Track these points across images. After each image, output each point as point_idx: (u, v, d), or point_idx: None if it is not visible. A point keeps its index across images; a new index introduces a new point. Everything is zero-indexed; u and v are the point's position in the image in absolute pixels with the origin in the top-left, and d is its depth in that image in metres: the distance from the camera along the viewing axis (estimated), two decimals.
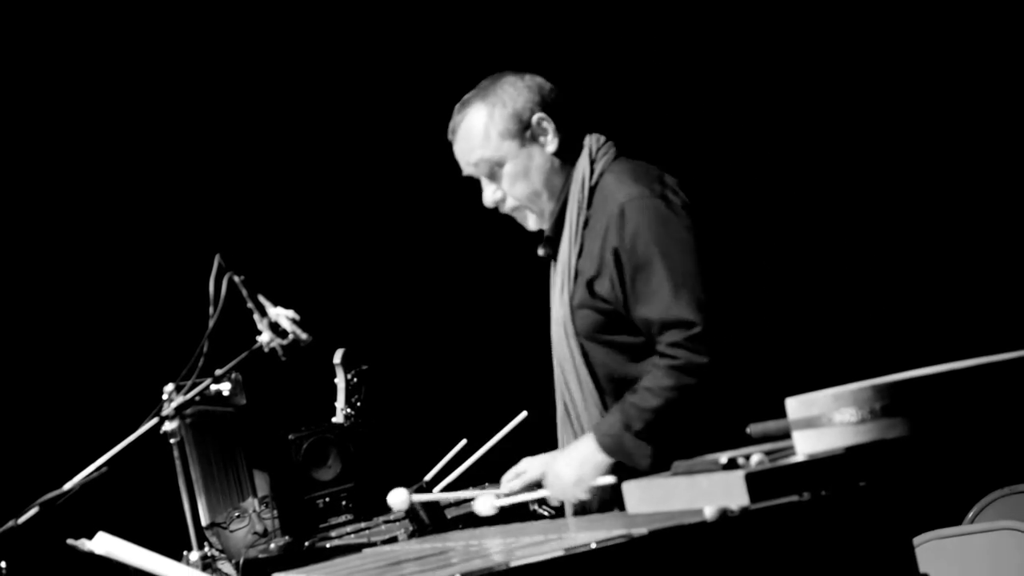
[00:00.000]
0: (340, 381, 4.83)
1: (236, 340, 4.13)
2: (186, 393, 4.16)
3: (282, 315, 4.09)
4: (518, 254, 6.37)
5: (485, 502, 3.69)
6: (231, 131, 6.41)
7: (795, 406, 2.42)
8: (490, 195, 3.73)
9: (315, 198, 6.48)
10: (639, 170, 3.60)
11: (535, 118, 3.66)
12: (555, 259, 3.71)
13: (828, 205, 6.07)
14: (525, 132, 3.66)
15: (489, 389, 6.14)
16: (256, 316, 4.07)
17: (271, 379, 4.54)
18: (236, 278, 4.07)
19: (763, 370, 3.51)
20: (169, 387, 4.34)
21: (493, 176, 3.70)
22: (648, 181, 3.56)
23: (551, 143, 3.66)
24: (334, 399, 4.83)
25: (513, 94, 3.67)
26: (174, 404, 4.17)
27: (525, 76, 3.71)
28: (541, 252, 3.79)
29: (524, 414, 4.63)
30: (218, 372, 4.15)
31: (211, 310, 4.04)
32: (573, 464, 3.56)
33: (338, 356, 4.84)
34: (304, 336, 4.06)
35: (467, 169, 3.74)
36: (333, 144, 6.49)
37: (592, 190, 3.63)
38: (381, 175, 6.52)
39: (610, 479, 3.59)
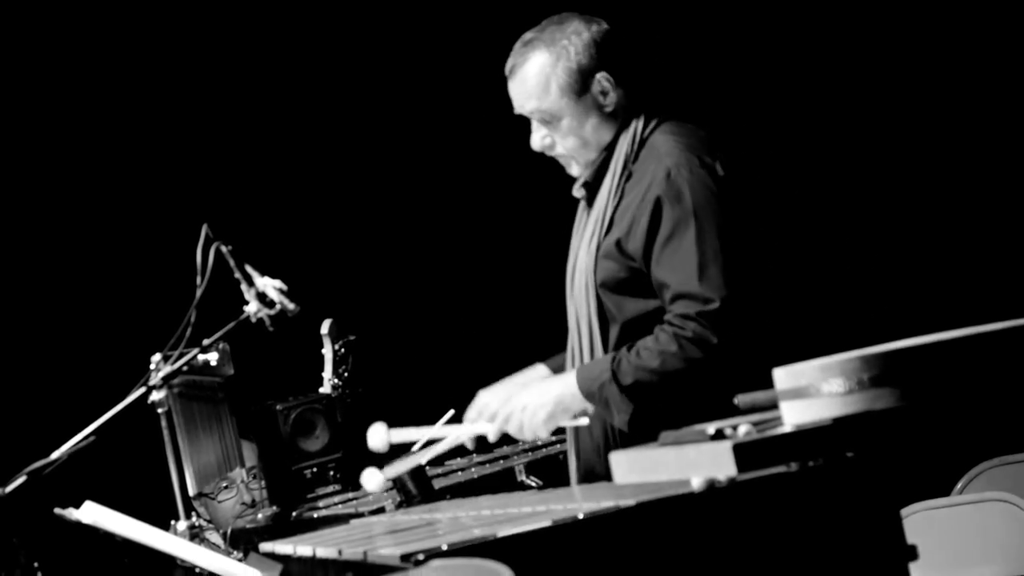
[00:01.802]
0: (327, 351, 4.83)
1: (224, 310, 4.13)
2: (174, 363, 4.16)
3: (269, 285, 4.09)
4: (506, 224, 6.39)
5: (371, 478, 3.60)
6: (219, 101, 6.40)
7: (783, 376, 2.42)
8: (539, 140, 3.66)
9: (302, 168, 6.46)
10: (692, 136, 3.55)
11: (597, 76, 3.58)
12: (590, 205, 3.67)
13: (817, 175, 6.06)
14: (586, 90, 3.59)
15: (477, 360, 6.13)
16: (243, 286, 4.07)
17: (258, 349, 4.54)
18: (223, 248, 4.07)
19: (765, 351, 3.47)
20: (157, 357, 4.33)
21: (545, 124, 3.64)
22: (699, 149, 3.50)
23: (610, 103, 3.61)
24: (321, 369, 4.82)
25: (579, 47, 3.58)
26: (162, 374, 4.18)
27: (592, 25, 3.62)
28: (576, 194, 3.74)
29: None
30: (206, 342, 4.16)
31: (199, 280, 4.04)
32: (547, 400, 3.51)
33: (325, 326, 4.84)
34: (291, 306, 4.06)
35: (519, 110, 3.68)
36: (319, 114, 6.48)
37: (641, 144, 3.59)
38: (367, 146, 6.51)
39: (584, 420, 3.57)
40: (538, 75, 3.60)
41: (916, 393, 2.33)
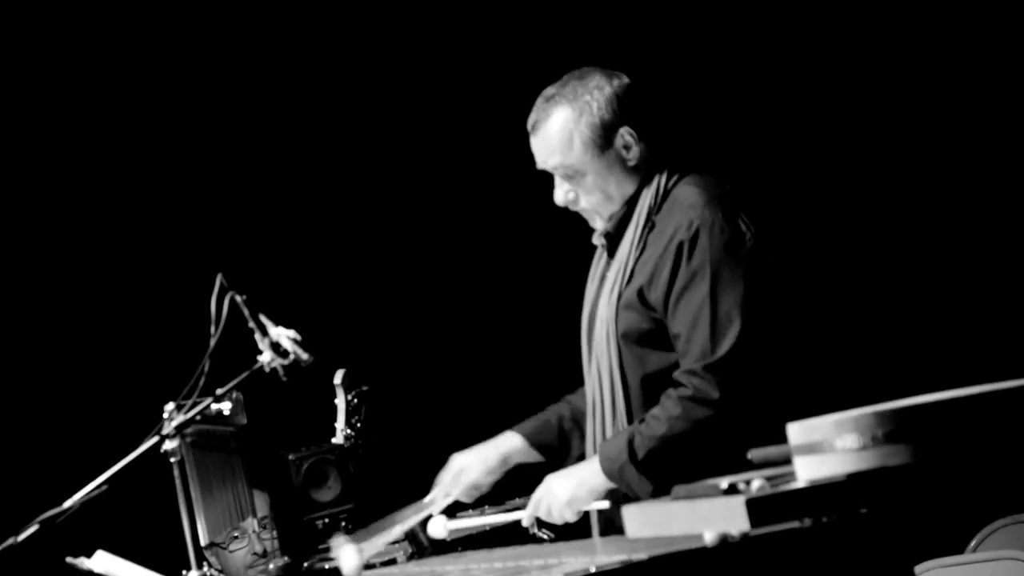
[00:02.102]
0: (340, 402, 4.82)
1: (237, 359, 4.12)
2: (187, 412, 4.15)
3: (283, 335, 4.08)
4: (518, 278, 6.39)
5: (438, 525, 3.65)
6: (234, 150, 6.41)
7: (797, 431, 2.41)
8: (562, 195, 3.67)
9: (317, 219, 6.47)
10: (715, 188, 3.56)
11: (620, 131, 3.60)
12: (611, 255, 3.67)
13: (835, 228, 6.06)
14: (609, 145, 3.61)
15: (489, 412, 6.11)
16: (257, 336, 4.06)
17: (272, 399, 4.53)
18: (238, 298, 4.07)
19: (776, 406, 3.46)
20: (170, 406, 4.33)
21: (568, 179, 3.65)
22: (722, 202, 3.51)
23: (632, 157, 3.62)
24: (334, 420, 4.82)
25: (602, 102, 3.60)
26: (174, 423, 4.17)
27: (613, 80, 3.64)
28: (596, 242, 3.74)
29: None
30: (219, 391, 4.15)
31: (212, 329, 4.04)
32: (570, 483, 3.54)
33: (339, 376, 4.83)
34: (305, 356, 4.06)
35: (542, 166, 3.68)
36: (334, 166, 6.49)
37: (665, 196, 3.59)
38: (381, 198, 6.52)
39: (604, 504, 3.57)
40: (561, 131, 3.60)
41: (931, 450, 2.32)
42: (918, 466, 2.32)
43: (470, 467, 3.81)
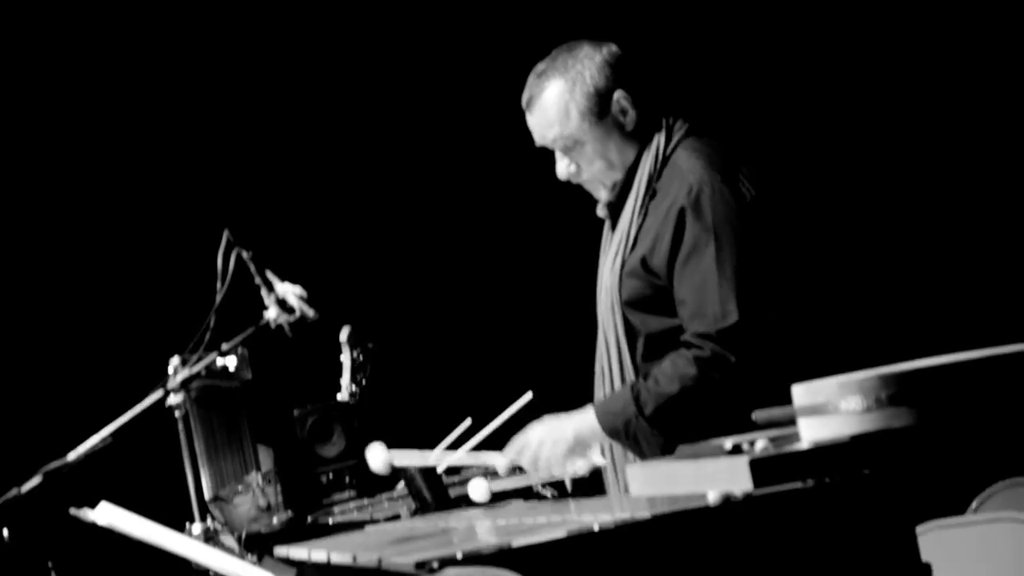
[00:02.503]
0: (346, 358, 4.83)
1: (243, 315, 4.14)
2: (192, 367, 4.17)
3: (289, 291, 4.09)
4: (526, 233, 6.39)
5: (479, 487, 3.61)
6: (242, 105, 6.41)
7: (801, 393, 2.42)
8: (563, 169, 3.67)
9: (324, 174, 6.47)
10: (715, 152, 3.55)
11: (615, 96, 3.60)
12: (613, 226, 3.67)
13: (841, 191, 6.05)
14: (606, 112, 3.60)
15: (495, 369, 6.14)
16: (263, 292, 4.08)
17: (277, 355, 4.54)
18: (244, 253, 4.08)
19: (784, 367, 3.47)
20: (175, 360, 4.34)
21: (568, 151, 3.65)
22: (722, 166, 3.50)
23: (630, 122, 3.62)
24: (339, 376, 4.83)
25: (593, 70, 3.60)
26: (180, 377, 4.19)
27: (603, 48, 3.63)
28: (600, 214, 3.74)
29: (529, 395, 4.62)
30: (224, 346, 4.16)
31: (219, 285, 4.05)
32: (566, 437, 3.51)
33: (344, 333, 4.84)
34: (311, 313, 4.07)
35: (541, 142, 3.68)
36: (342, 120, 6.49)
37: (664, 162, 3.59)
38: (390, 152, 6.51)
39: (601, 461, 3.56)
40: (557, 103, 3.60)
41: (934, 412, 2.33)
42: (921, 428, 2.33)
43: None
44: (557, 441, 3.50)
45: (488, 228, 6.47)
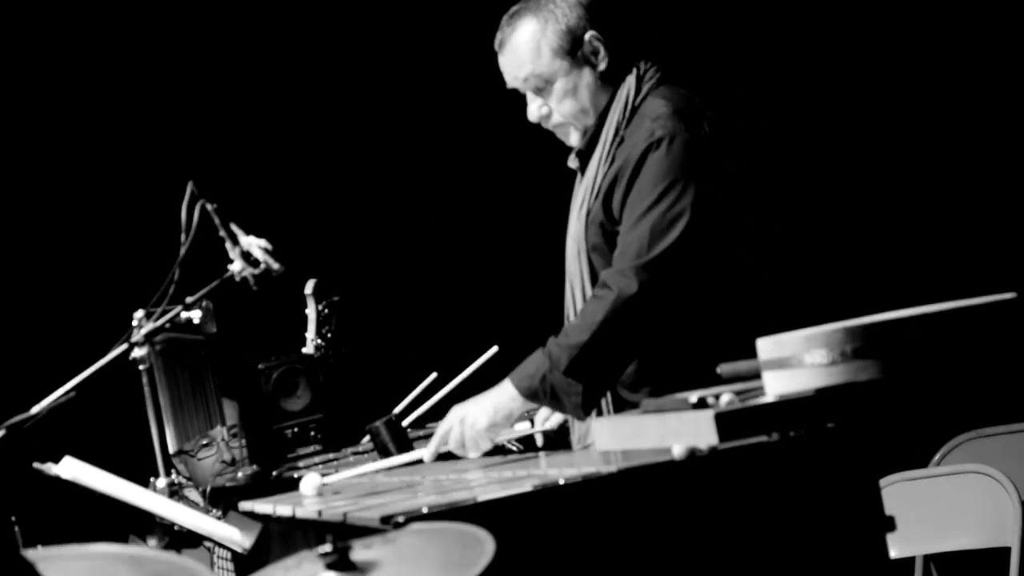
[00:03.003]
0: (311, 311, 4.82)
1: (208, 268, 4.12)
2: (156, 320, 4.15)
3: (254, 244, 4.07)
4: (492, 186, 6.38)
5: (309, 482, 3.33)
6: (206, 57, 6.37)
7: (766, 347, 2.43)
8: (535, 110, 3.66)
9: (289, 126, 6.44)
10: (682, 101, 3.53)
11: (587, 36, 3.59)
12: (583, 174, 3.66)
13: (809, 143, 6.06)
14: (577, 50, 3.59)
15: (461, 323, 6.14)
16: (228, 244, 4.05)
17: (242, 308, 4.53)
18: (208, 206, 4.05)
19: (739, 313, 3.47)
20: (139, 313, 4.32)
21: (540, 92, 3.63)
22: (688, 114, 3.49)
23: (601, 62, 3.61)
24: (305, 329, 4.82)
25: (566, 9, 3.60)
26: (144, 330, 4.16)
27: None
28: (572, 164, 3.73)
29: (495, 349, 4.63)
30: (189, 300, 4.14)
31: (183, 237, 4.02)
32: (486, 409, 3.46)
33: (309, 286, 4.83)
34: (276, 266, 4.05)
35: (512, 83, 3.66)
36: (307, 73, 6.45)
37: (634, 110, 3.58)
38: (354, 104, 6.49)
39: (525, 426, 3.55)
40: (528, 41, 3.60)
41: (898, 366, 2.34)
42: (885, 382, 2.34)
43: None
44: (477, 415, 3.47)
45: (455, 178, 6.46)
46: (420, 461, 3.57)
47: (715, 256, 3.45)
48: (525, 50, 3.60)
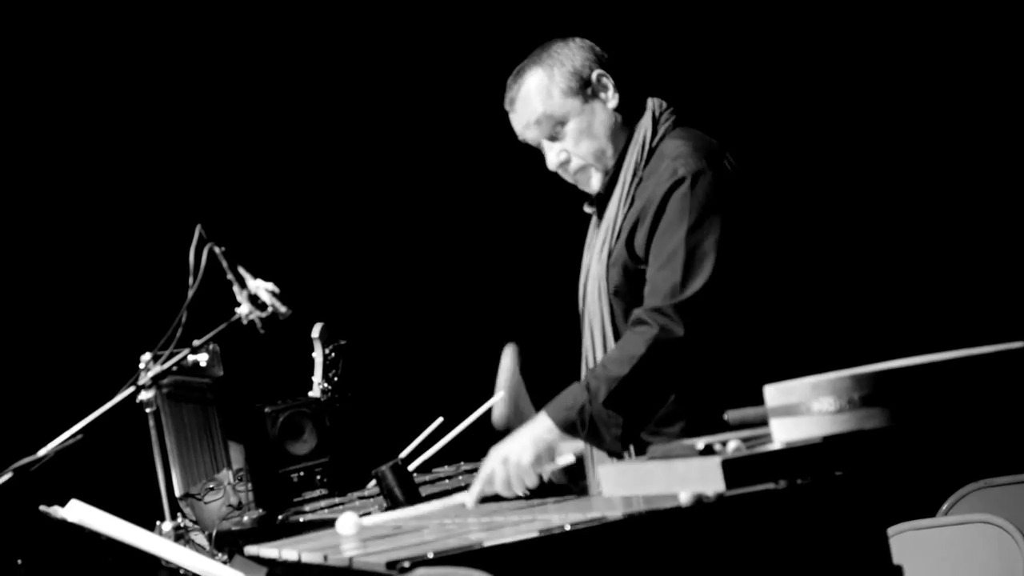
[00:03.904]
0: (318, 355, 4.82)
1: (215, 311, 4.12)
2: (163, 363, 4.15)
3: (262, 287, 4.08)
4: (503, 230, 6.39)
5: (346, 521, 3.29)
6: (216, 102, 6.39)
7: (773, 393, 2.42)
8: (554, 156, 3.66)
9: (298, 172, 6.46)
10: (701, 141, 3.55)
11: (595, 74, 3.63)
12: (600, 217, 3.67)
13: (821, 191, 6.06)
14: (586, 88, 3.62)
15: (467, 368, 6.12)
16: (236, 288, 4.06)
17: (249, 351, 4.53)
18: (216, 249, 4.06)
19: (749, 361, 3.46)
20: (146, 356, 4.32)
21: (556, 136, 3.64)
22: (708, 153, 3.51)
23: (612, 99, 3.63)
24: (311, 373, 4.82)
25: (569, 54, 3.64)
26: (151, 373, 4.17)
27: (575, 38, 3.69)
28: (588, 209, 3.74)
29: (502, 394, 4.62)
30: (196, 343, 4.14)
31: (191, 280, 4.03)
32: (528, 446, 3.44)
33: (316, 330, 4.83)
34: (283, 309, 4.05)
35: (526, 134, 3.68)
36: (314, 118, 6.47)
37: (651, 152, 3.59)
38: (363, 150, 6.50)
39: (570, 458, 3.52)
40: (537, 87, 3.62)
41: (906, 414, 2.33)
42: (893, 430, 2.33)
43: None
44: (520, 453, 3.45)
45: (463, 225, 6.46)
46: (463, 506, 3.51)
47: (747, 294, 3.46)
48: (535, 97, 3.63)
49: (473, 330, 6.35)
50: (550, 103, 3.62)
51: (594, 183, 3.66)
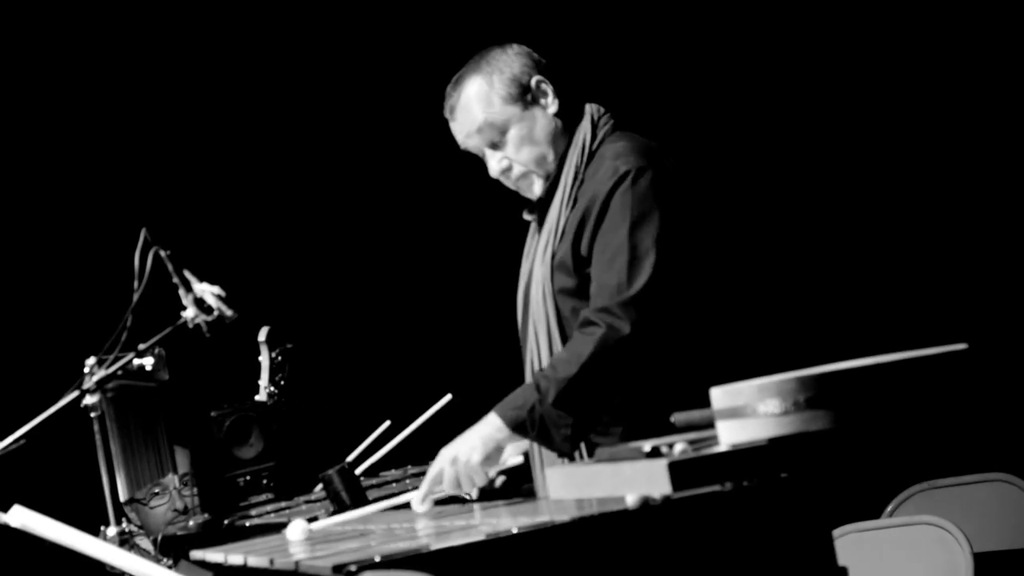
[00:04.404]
0: (264, 359, 4.81)
1: (160, 315, 4.10)
2: (108, 367, 4.12)
3: (207, 291, 4.06)
4: (445, 234, 6.39)
5: (296, 528, 3.29)
6: (159, 104, 6.36)
7: (720, 396, 2.43)
8: (496, 164, 3.67)
9: (242, 174, 6.44)
10: (640, 144, 3.57)
11: (534, 80, 3.64)
12: (541, 224, 3.67)
13: (761, 191, 6.09)
14: (526, 95, 3.64)
15: (414, 371, 6.13)
16: (181, 291, 4.03)
17: (195, 355, 4.51)
18: (162, 252, 4.04)
19: (696, 360, 3.48)
20: (91, 360, 4.29)
21: (497, 144, 3.65)
22: (648, 152, 3.53)
23: (552, 105, 3.64)
24: (258, 377, 4.80)
25: (507, 60, 3.65)
26: (96, 377, 4.14)
27: (513, 45, 3.70)
28: (528, 216, 3.75)
29: (448, 397, 4.62)
30: (141, 346, 4.12)
31: (136, 284, 4.01)
32: (477, 445, 3.43)
33: (263, 334, 4.82)
34: (229, 312, 4.03)
35: (468, 142, 3.69)
36: (258, 118, 6.45)
37: (591, 155, 3.60)
38: (308, 152, 6.49)
39: (519, 459, 3.53)
40: (477, 95, 3.63)
41: (850, 415, 2.34)
42: (838, 432, 2.34)
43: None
44: (469, 452, 3.45)
45: (406, 228, 6.46)
46: (407, 506, 3.51)
47: (692, 291, 3.48)
48: (475, 105, 3.63)
49: (419, 333, 6.35)
50: (491, 111, 3.63)
51: (536, 189, 3.68)
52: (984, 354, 2.42)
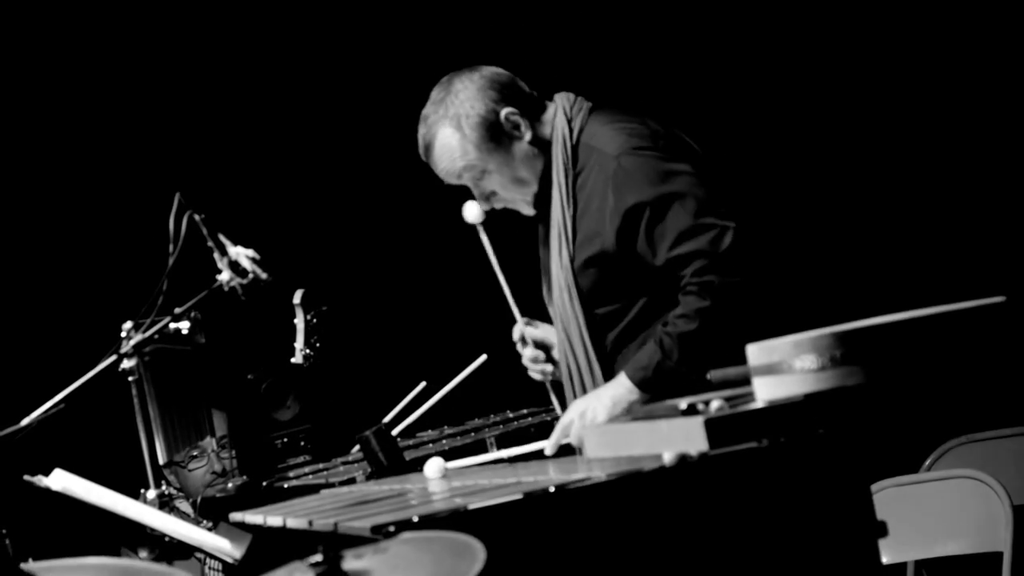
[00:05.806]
0: (300, 321, 4.82)
1: (196, 279, 4.11)
2: (145, 331, 4.14)
3: (242, 254, 4.07)
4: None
5: (433, 466, 3.47)
6: (195, 67, 6.36)
7: (755, 352, 2.42)
8: (481, 196, 3.71)
9: (277, 137, 6.44)
10: (621, 119, 3.57)
11: (503, 115, 3.62)
12: (544, 219, 3.68)
13: (790, 152, 6.06)
14: (499, 134, 3.63)
15: (449, 332, 6.13)
16: (216, 255, 4.05)
17: (230, 318, 4.52)
18: (196, 216, 4.05)
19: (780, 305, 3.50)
20: (128, 325, 4.31)
21: (479, 181, 3.68)
22: (634, 129, 3.53)
23: (526, 133, 3.64)
24: (293, 339, 4.82)
25: (470, 100, 3.62)
26: (132, 342, 4.16)
27: (474, 74, 3.66)
28: (530, 212, 3.76)
29: (484, 357, 4.63)
30: (177, 310, 4.14)
31: (171, 248, 4.02)
32: (605, 403, 3.49)
33: (298, 296, 4.83)
34: (264, 275, 4.04)
35: (450, 181, 3.73)
36: (296, 84, 6.45)
37: (576, 147, 3.60)
38: (344, 116, 6.48)
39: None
40: (450, 145, 3.64)
41: (887, 371, 2.34)
42: (874, 387, 2.34)
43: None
44: (596, 409, 3.50)
45: (442, 190, 6.45)
46: (541, 451, 3.61)
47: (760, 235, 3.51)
48: (449, 155, 3.66)
49: (456, 295, 6.35)
50: (468, 158, 3.64)
51: (525, 210, 3.73)
52: (1022, 307, 2.41)
